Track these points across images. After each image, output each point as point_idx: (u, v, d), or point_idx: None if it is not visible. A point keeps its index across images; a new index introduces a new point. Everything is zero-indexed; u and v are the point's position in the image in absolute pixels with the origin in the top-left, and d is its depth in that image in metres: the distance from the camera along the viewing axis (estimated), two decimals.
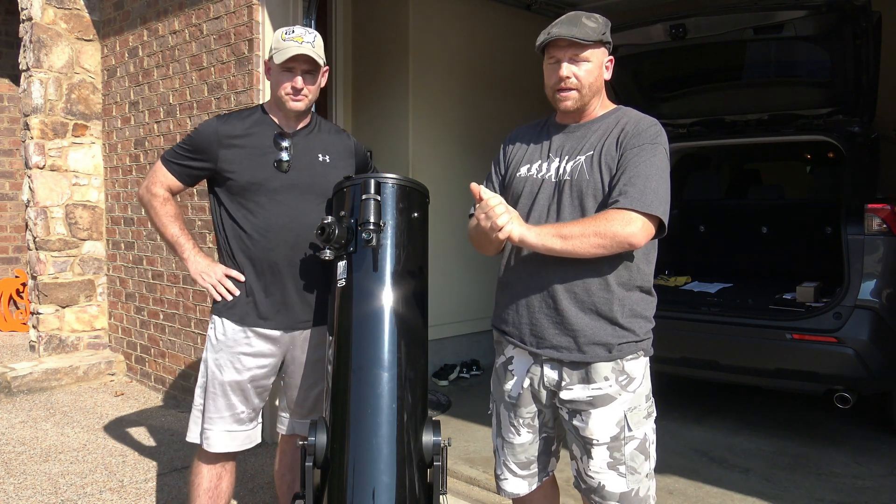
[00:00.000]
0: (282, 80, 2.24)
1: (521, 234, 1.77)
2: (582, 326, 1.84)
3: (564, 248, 1.76)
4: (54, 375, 4.88)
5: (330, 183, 2.33)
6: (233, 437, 2.30)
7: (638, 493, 1.87)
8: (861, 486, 3.27)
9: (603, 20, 1.89)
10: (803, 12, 3.54)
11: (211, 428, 2.28)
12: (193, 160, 2.29)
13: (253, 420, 2.35)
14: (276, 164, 2.25)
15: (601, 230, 1.73)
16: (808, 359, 3.57)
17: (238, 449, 2.32)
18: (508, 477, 2.05)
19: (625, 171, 1.79)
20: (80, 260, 5.29)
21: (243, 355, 2.27)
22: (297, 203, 2.27)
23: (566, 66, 1.85)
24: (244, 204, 2.26)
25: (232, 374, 2.26)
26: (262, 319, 2.27)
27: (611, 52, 1.93)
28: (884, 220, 3.46)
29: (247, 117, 2.33)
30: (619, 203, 1.76)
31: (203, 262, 2.31)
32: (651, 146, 1.82)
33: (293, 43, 2.20)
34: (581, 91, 1.87)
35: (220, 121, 2.31)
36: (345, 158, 2.42)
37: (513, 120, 3.37)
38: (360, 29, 5.41)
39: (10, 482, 3.31)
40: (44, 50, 5.05)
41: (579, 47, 1.84)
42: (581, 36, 1.82)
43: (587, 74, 1.86)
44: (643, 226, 1.75)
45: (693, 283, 4.65)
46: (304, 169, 2.30)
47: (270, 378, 2.34)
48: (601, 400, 1.85)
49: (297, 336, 2.32)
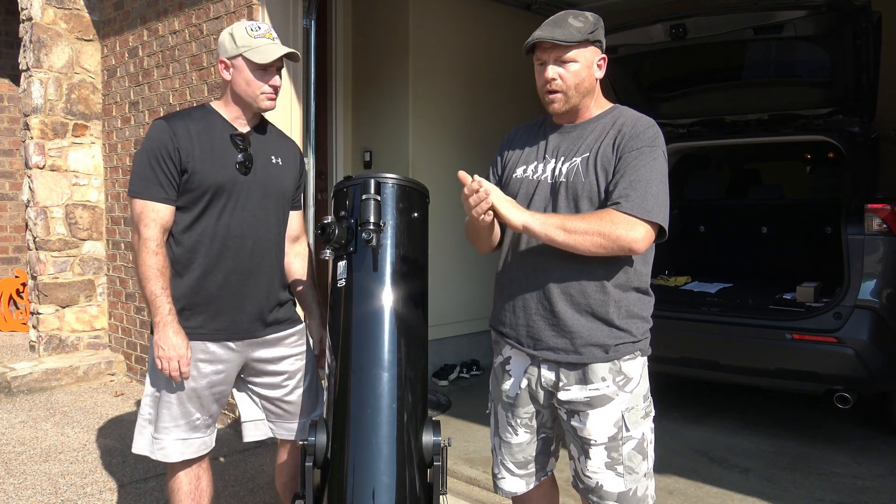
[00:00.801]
0: (258, 79, 2.14)
1: (525, 221, 1.76)
2: (578, 328, 1.84)
3: (566, 242, 1.75)
4: (54, 375, 4.88)
5: (284, 185, 2.30)
6: (188, 445, 2.21)
7: (636, 492, 1.87)
8: (861, 486, 3.27)
9: (593, 18, 1.86)
10: (803, 12, 3.54)
11: (163, 437, 2.18)
12: (168, 165, 2.08)
13: (209, 427, 2.26)
14: (236, 166, 2.15)
15: (605, 231, 1.72)
16: (808, 359, 3.57)
17: (193, 456, 2.23)
18: (506, 476, 2.05)
19: (624, 175, 1.78)
20: (80, 260, 5.29)
21: (200, 362, 2.17)
22: (256, 208, 2.20)
23: (551, 67, 1.85)
24: (201, 210, 2.13)
25: (188, 382, 2.16)
26: (219, 332, 2.18)
27: (604, 50, 1.91)
28: (884, 220, 3.46)
29: (196, 117, 2.18)
30: (621, 206, 1.74)
31: (175, 338, 2.09)
32: (650, 149, 1.80)
33: (266, 40, 2.14)
34: (567, 93, 1.86)
35: (167, 121, 2.13)
36: (293, 162, 2.36)
37: (513, 120, 3.37)
38: (360, 29, 5.41)
39: (10, 482, 3.31)
40: (44, 50, 5.05)
41: (563, 49, 1.83)
42: (562, 37, 1.80)
43: (573, 76, 1.85)
44: (646, 233, 1.75)
45: (693, 283, 4.65)
46: (260, 171, 2.21)
47: (227, 384, 2.25)
48: (599, 400, 1.85)
49: (254, 342, 2.26)
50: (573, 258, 1.82)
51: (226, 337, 2.20)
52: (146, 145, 2.11)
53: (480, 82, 5.50)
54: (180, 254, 2.16)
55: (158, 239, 2.10)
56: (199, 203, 2.14)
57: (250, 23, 2.19)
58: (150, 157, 2.09)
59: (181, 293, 2.17)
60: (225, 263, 2.17)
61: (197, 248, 2.15)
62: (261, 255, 2.23)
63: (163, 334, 2.10)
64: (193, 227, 2.15)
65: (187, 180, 2.12)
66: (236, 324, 2.21)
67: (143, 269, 2.10)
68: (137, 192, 2.10)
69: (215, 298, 2.18)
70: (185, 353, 2.10)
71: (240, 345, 2.23)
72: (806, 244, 4.67)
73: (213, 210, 2.14)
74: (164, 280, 2.11)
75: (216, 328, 2.19)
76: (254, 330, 2.24)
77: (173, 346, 2.09)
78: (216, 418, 2.29)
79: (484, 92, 5.52)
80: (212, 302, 2.18)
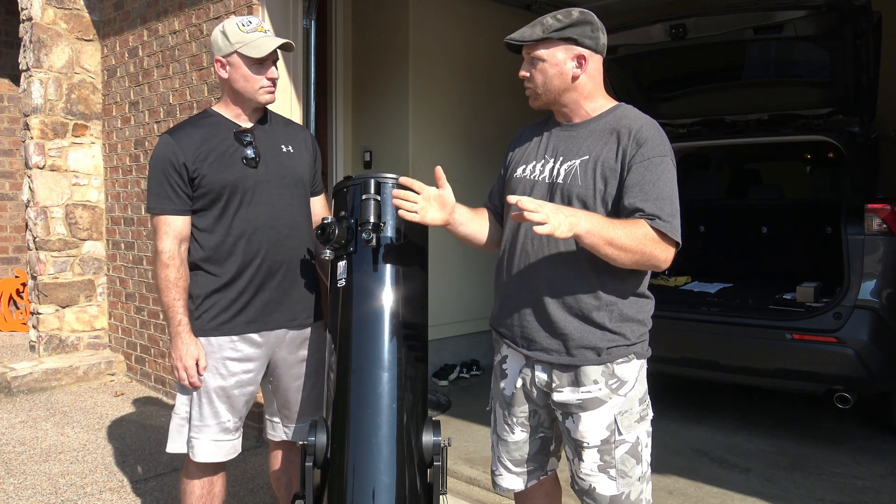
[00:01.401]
0: (256, 73, 2.16)
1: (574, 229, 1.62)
2: (570, 330, 1.83)
3: (607, 254, 1.70)
4: (54, 375, 4.88)
5: (298, 172, 2.30)
6: (219, 447, 2.24)
7: (629, 496, 1.86)
8: (861, 486, 3.27)
9: (577, 15, 1.82)
10: (803, 12, 3.54)
11: (198, 437, 2.22)
12: (175, 177, 2.14)
13: (238, 430, 2.29)
14: (244, 161, 2.18)
15: (646, 251, 1.70)
16: (808, 359, 3.57)
17: (223, 459, 2.26)
18: (503, 473, 2.05)
19: (643, 188, 1.74)
20: (80, 260, 5.29)
21: (229, 360, 2.21)
22: (274, 199, 2.22)
23: (523, 65, 1.88)
24: (220, 209, 2.18)
25: (217, 380, 2.20)
26: (248, 324, 2.21)
27: (591, 47, 1.84)
28: (884, 220, 3.46)
29: (199, 123, 2.23)
30: (657, 224, 1.72)
31: (187, 346, 2.15)
32: (661, 158, 1.78)
33: (259, 34, 2.15)
34: (536, 90, 1.87)
35: (171, 135, 2.18)
36: (305, 147, 2.37)
37: (512, 120, 3.38)
38: (360, 29, 5.41)
39: (10, 482, 3.31)
40: (44, 50, 5.05)
41: (529, 47, 1.84)
42: (519, 37, 1.83)
43: (540, 73, 1.85)
44: (673, 255, 1.76)
45: (693, 283, 4.65)
46: (271, 162, 2.24)
47: (255, 384, 2.28)
48: (591, 403, 1.84)
49: (283, 337, 2.28)
50: (567, 262, 1.82)
51: (255, 329, 2.22)
52: (153, 162, 2.18)
53: (480, 82, 5.50)
54: (206, 255, 2.20)
55: (171, 251, 2.16)
56: (216, 204, 2.18)
57: (241, 18, 2.20)
58: (157, 172, 2.16)
59: (209, 291, 2.21)
60: (249, 257, 2.20)
61: (220, 246, 2.19)
62: (285, 245, 2.25)
63: (175, 344, 2.17)
64: (215, 228, 2.19)
65: (199, 185, 2.16)
66: (264, 316, 2.23)
67: (158, 281, 2.18)
68: (151, 207, 2.19)
69: (243, 292, 2.21)
70: (193, 364, 2.16)
71: (268, 339, 2.25)
72: (806, 244, 4.67)
73: (230, 208, 2.18)
74: (178, 291, 2.17)
75: (245, 321, 2.22)
76: (282, 321, 2.26)
77: (182, 355, 2.16)
78: (242, 421, 2.31)
79: (484, 92, 5.52)
80: (240, 296, 2.21)
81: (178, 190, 2.15)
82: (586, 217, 1.67)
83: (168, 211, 2.16)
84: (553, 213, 1.59)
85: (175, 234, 2.16)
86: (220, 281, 2.20)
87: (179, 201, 2.16)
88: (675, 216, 1.75)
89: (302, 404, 2.36)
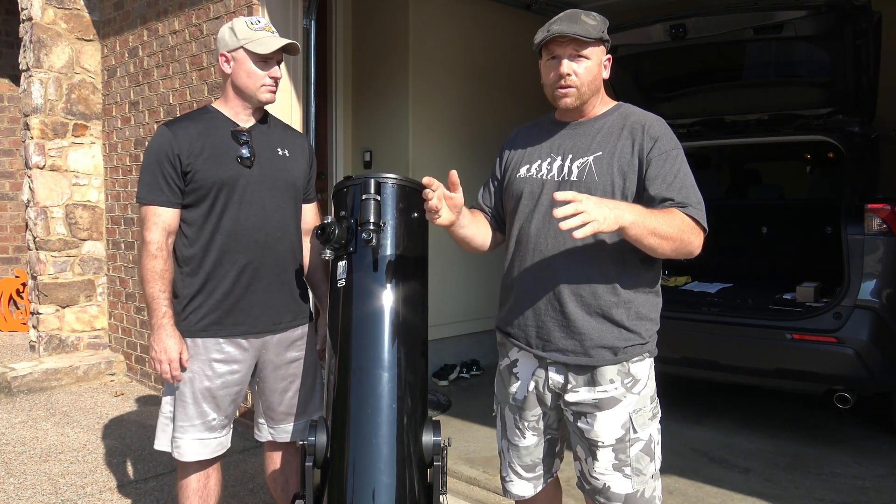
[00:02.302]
0: (259, 71, 2.17)
1: (619, 221, 1.60)
2: (588, 330, 1.83)
3: (650, 245, 1.69)
4: (54, 375, 4.88)
5: (292, 177, 2.30)
6: (204, 445, 2.23)
7: (644, 493, 1.87)
8: (861, 486, 3.27)
9: (601, 18, 1.88)
10: (803, 12, 3.54)
11: (182, 436, 2.21)
12: (168, 169, 2.13)
13: (225, 427, 2.28)
14: (239, 160, 2.17)
15: (685, 238, 1.72)
16: (808, 359, 3.57)
17: (210, 456, 2.26)
18: (514, 479, 2.04)
19: (665, 178, 1.78)
20: (80, 260, 5.29)
21: (215, 362, 2.20)
22: (265, 201, 2.22)
23: (566, 63, 1.84)
24: (209, 205, 2.16)
25: (203, 382, 2.19)
26: (235, 326, 2.20)
27: (609, 51, 1.92)
28: (884, 220, 3.46)
29: (197, 118, 2.23)
30: (689, 211, 1.75)
31: (168, 341, 2.14)
32: (677, 151, 1.83)
33: (266, 33, 2.17)
34: (580, 89, 1.86)
35: (168, 127, 2.17)
36: (302, 154, 2.37)
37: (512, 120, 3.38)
38: (360, 29, 5.41)
39: (10, 482, 3.31)
40: (44, 50, 5.05)
41: (580, 44, 1.83)
42: (582, 33, 1.81)
43: (586, 72, 1.85)
44: (702, 241, 1.78)
45: (693, 283, 4.65)
46: (266, 163, 2.23)
47: (243, 384, 2.27)
48: (607, 402, 1.84)
49: (270, 339, 2.27)
50: (584, 259, 1.82)
51: (242, 332, 2.21)
52: (148, 151, 2.16)
53: (480, 82, 5.50)
54: (193, 252, 2.19)
55: (160, 242, 2.14)
56: (205, 200, 2.17)
57: (250, 17, 2.22)
58: (151, 162, 2.15)
59: (195, 290, 2.19)
60: (236, 257, 2.19)
61: (209, 245, 2.18)
62: (273, 247, 2.24)
63: (157, 336, 2.15)
64: (204, 226, 2.18)
65: (191, 179, 2.15)
66: (251, 319, 2.22)
67: (143, 272, 2.16)
68: (141, 197, 2.17)
69: (229, 293, 2.19)
70: (175, 357, 2.15)
71: (254, 343, 2.25)
72: (806, 244, 4.67)
73: (219, 206, 2.17)
74: (164, 283, 2.15)
75: (231, 323, 2.21)
76: (269, 325, 2.25)
77: (165, 348, 2.14)
78: (231, 419, 2.31)
79: (484, 92, 5.52)
80: (226, 297, 2.19)
81: (170, 182, 2.14)
82: (629, 209, 1.65)
83: (158, 202, 2.15)
84: (597, 207, 1.56)
85: (164, 226, 2.15)
86: (204, 279, 2.19)
87: (171, 193, 2.15)
88: (701, 203, 1.79)
89: (286, 406, 2.35)
